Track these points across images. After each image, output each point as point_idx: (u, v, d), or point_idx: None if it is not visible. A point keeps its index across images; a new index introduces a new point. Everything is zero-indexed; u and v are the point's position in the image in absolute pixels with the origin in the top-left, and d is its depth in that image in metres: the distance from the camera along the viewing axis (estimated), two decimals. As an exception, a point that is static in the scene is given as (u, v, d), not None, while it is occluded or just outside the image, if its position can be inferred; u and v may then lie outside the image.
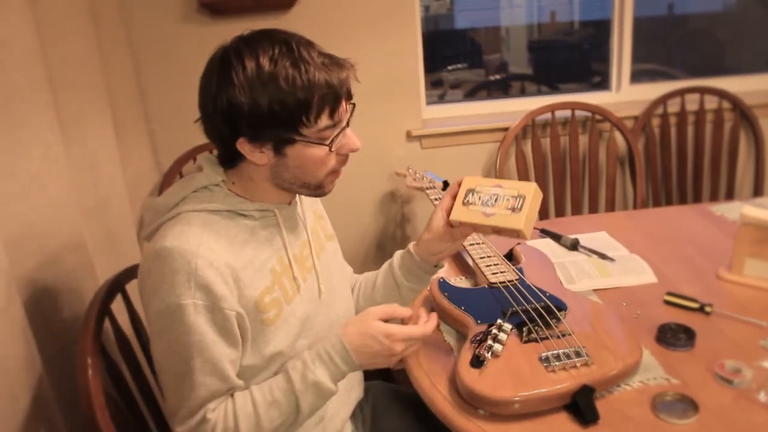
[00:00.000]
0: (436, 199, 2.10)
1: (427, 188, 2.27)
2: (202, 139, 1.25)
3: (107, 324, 1.44)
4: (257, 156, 1.21)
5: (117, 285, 1.48)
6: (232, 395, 1.24)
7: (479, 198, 1.31)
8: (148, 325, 1.20)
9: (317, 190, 1.30)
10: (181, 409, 1.20)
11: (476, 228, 1.33)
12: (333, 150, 1.23)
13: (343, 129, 1.24)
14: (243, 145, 1.20)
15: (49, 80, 1.63)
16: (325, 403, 1.29)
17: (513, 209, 1.27)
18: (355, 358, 1.25)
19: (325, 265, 1.43)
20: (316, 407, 1.27)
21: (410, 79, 2.85)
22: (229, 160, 1.26)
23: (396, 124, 2.87)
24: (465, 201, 1.33)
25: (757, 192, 3.05)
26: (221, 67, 1.16)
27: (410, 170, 2.55)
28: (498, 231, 1.29)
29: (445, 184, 2.38)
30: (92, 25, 2.04)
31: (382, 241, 3.02)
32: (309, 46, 1.19)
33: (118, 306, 1.49)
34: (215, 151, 1.30)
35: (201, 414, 1.20)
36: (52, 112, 1.61)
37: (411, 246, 1.49)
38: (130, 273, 1.53)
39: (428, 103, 3.06)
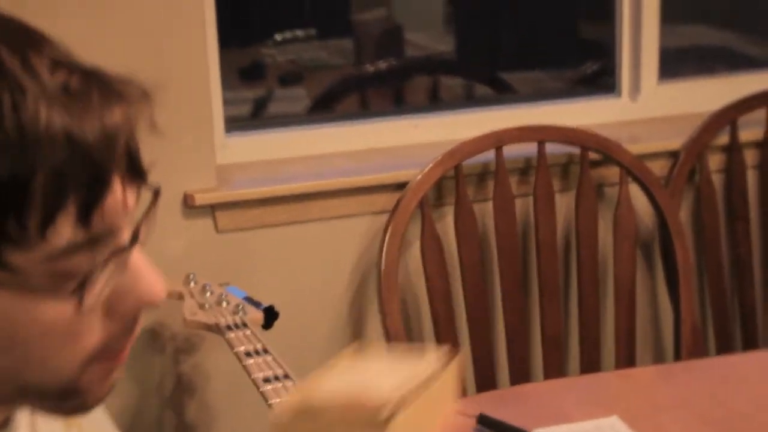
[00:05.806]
0: (248, 353, 1.33)
1: (231, 326, 1.44)
2: None
3: None
4: None
5: None
6: None
7: None
8: None
9: (67, 399, 0.59)
10: None
11: None
12: (85, 304, 0.52)
13: (122, 251, 0.52)
14: None
15: None
16: None
17: None
18: None
19: None
20: None
21: (191, 85, 1.60)
22: None
23: (164, 180, 1.45)
24: None
25: None
26: None
27: (193, 285, 1.57)
28: None
29: (269, 314, 1.50)
30: None
31: None
32: (41, 45, 0.52)
33: None
34: None
35: None
36: None
37: None
38: None
39: (230, 126, 1.70)
